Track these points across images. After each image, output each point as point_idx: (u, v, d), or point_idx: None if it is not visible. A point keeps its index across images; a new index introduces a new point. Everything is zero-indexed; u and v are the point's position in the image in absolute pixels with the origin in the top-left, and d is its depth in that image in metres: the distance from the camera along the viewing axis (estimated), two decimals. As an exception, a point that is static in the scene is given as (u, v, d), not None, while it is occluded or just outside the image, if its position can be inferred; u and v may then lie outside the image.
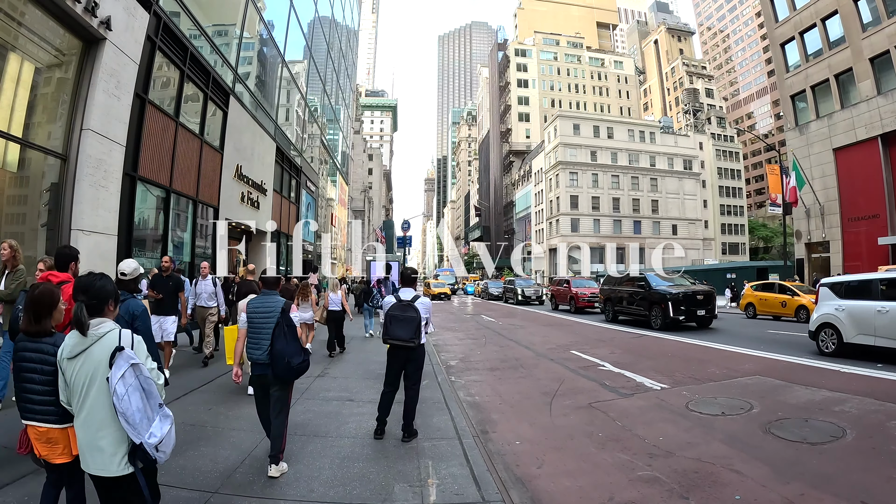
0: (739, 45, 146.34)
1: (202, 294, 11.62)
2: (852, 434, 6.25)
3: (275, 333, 5.20)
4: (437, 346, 15.65)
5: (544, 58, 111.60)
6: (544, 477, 5.32)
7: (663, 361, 12.26)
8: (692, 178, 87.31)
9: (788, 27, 35.12)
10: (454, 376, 10.87)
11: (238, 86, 19.85)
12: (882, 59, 28.73)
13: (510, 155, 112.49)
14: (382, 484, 4.92)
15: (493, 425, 7.23)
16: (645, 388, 9.35)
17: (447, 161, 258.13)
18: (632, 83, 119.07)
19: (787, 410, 7.44)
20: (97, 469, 2.97)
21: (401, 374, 6.47)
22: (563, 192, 79.32)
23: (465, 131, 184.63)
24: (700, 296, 18.95)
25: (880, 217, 28.39)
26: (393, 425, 6.39)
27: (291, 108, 29.63)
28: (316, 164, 37.83)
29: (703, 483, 5.01)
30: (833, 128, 31.71)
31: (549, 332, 19.37)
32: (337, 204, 50.01)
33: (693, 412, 7.56)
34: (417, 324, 6.20)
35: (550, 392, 9.14)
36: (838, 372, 10.13)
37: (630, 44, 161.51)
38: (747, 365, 11.29)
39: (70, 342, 3.05)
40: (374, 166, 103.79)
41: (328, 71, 40.25)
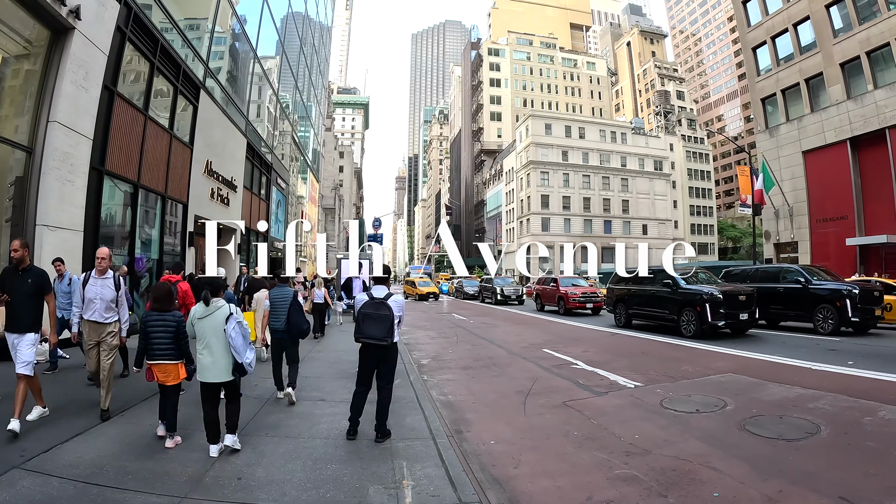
0: (711, 48, 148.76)
1: (95, 301, 6.97)
2: (827, 430, 6.32)
3: (290, 311, 8.07)
4: (408, 344, 15.56)
5: (517, 57, 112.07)
6: (521, 477, 5.29)
7: (637, 360, 12.31)
8: (662, 178, 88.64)
9: (761, 31, 35.82)
10: (427, 375, 10.81)
11: (209, 80, 19.56)
12: (852, 65, 29.54)
13: (482, 154, 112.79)
14: (356, 486, 4.85)
15: (468, 425, 7.19)
16: (619, 386, 9.37)
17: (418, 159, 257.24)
18: (604, 84, 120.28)
19: (761, 407, 7.49)
20: (217, 378, 5.55)
21: (373, 373, 6.36)
22: (534, 192, 79.76)
23: (436, 130, 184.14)
24: (742, 296, 15.78)
25: (848, 219, 29.24)
26: (366, 425, 6.28)
27: (263, 104, 29.30)
28: (287, 161, 37.43)
29: (682, 481, 5.01)
30: (803, 131, 32.48)
31: (523, 331, 19.36)
32: (307, 201, 49.56)
33: (668, 410, 7.59)
34: (391, 322, 6.10)
35: (524, 391, 9.11)
36: (811, 370, 10.24)
37: (603, 45, 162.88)
38: (720, 363, 11.39)
39: (199, 310, 5.65)
40: (345, 164, 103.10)
41: (300, 67, 39.87)
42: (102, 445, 5.73)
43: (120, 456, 5.44)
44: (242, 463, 5.36)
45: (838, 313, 15.21)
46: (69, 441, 5.75)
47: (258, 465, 5.32)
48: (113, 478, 4.84)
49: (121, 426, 6.46)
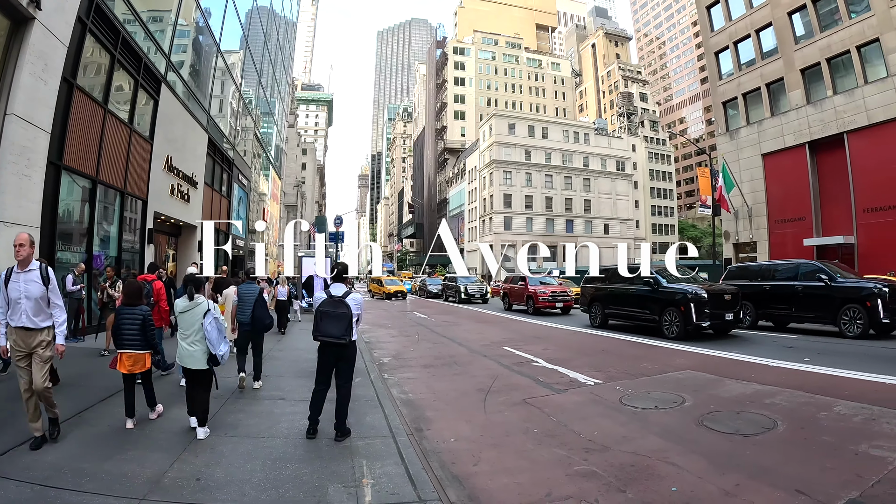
0: (675, 52, 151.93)
1: (20, 301, 5.61)
2: (784, 426, 6.43)
3: (255, 306, 8.99)
4: (370, 343, 15.51)
5: (482, 57, 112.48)
6: (481, 474, 5.31)
7: (597, 357, 12.41)
8: (624, 178, 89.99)
9: (723, 37, 36.53)
10: (388, 373, 10.78)
11: (171, 74, 19.16)
12: (813, 71, 30.34)
13: (445, 152, 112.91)
14: (316, 485, 4.82)
15: (428, 423, 7.21)
16: (579, 383, 9.42)
17: (381, 157, 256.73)
18: (568, 85, 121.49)
19: (719, 403, 7.61)
20: (193, 366, 6.20)
21: (332, 371, 6.35)
22: (496, 191, 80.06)
23: (400, 128, 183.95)
24: (728, 296, 15.20)
25: (806, 220, 30.05)
26: (326, 424, 6.27)
27: (226, 99, 28.83)
28: (249, 158, 36.87)
29: (640, 476, 5.07)
30: (763, 134, 33.23)
31: (484, 329, 19.40)
32: (269, 199, 48.98)
33: (627, 406, 7.67)
34: (349, 320, 6.12)
35: (485, 388, 9.13)
36: (768, 366, 10.42)
37: (568, 46, 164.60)
38: (679, 360, 11.53)
39: (182, 304, 6.33)
40: (307, 161, 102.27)
41: (265, 63, 39.37)
42: (60, 448, 5.64)
43: (78, 458, 5.34)
44: (201, 463, 5.29)
45: (868, 314, 13.92)
46: (25, 443, 5.61)
47: (217, 465, 5.26)
48: (71, 480, 4.75)
49: (79, 428, 6.33)
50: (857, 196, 27.69)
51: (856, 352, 11.86)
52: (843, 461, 5.26)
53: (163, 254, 20.24)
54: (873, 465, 5.10)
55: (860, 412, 6.87)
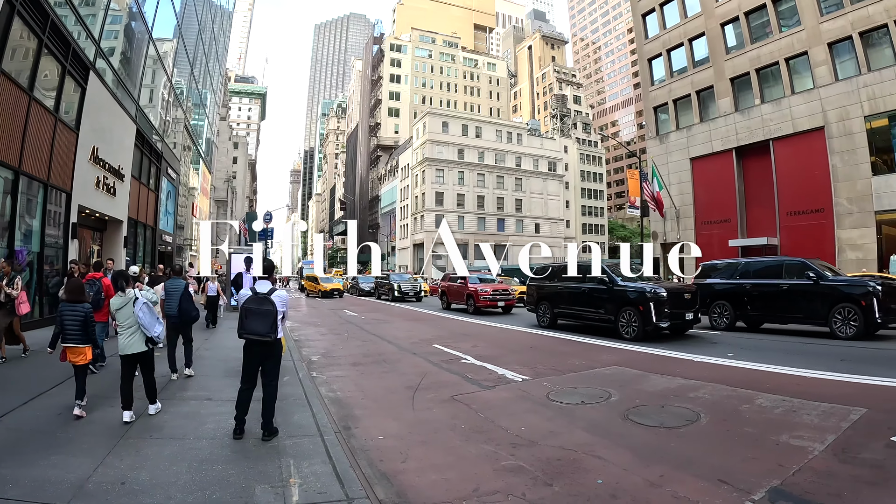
0: (610, 57, 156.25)
1: None
2: (707, 418, 6.65)
3: (181, 299, 9.47)
4: (299, 341, 15.36)
5: (419, 55, 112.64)
6: (409, 471, 5.32)
7: (526, 354, 12.56)
8: (556, 179, 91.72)
9: (657, 44, 38.10)
10: (316, 372, 10.67)
11: (100, 61, 18.35)
12: (742, 80, 32.17)
13: (378, 149, 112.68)
14: (243, 486, 4.77)
15: (356, 421, 7.17)
16: (507, 379, 9.51)
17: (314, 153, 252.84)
18: (503, 85, 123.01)
19: (644, 398, 7.80)
20: (135, 350, 6.69)
21: (258, 370, 6.28)
22: (428, 189, 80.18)
23: (333, 123, 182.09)
24: (687, 294, 14.85)
25: (731, 222, 31.80)
26: (253, 424, 6.18)
27: (156, 89, 27.78)
28: (178, 151, 35.62)
29: (567, 470, 5.14)
30: (691, 139, 34.83)
31: (414, 327, 19.42)
32: (199, 193, 47.56)
33: (554, 402, 7.77)
34: (274, 317, 6.06)
35: (413, 386, 9.14)
36: (692, 361, 10.76)
37: (505, 48, 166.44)
38: (606, 356, 11.78)
39: (116, 301, 6.86)
40: (239, 155, 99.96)
41: (198, 52, 38.20)
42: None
43: (0, 463, 5.21)
44: (126, 467, 5.15)
45: (863, 314, 13.29)
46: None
47: (142, 468, 5.14)
48: (-7, 488, 4.60)
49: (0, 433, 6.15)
50: (781, 200, 29.41)
51: (836, 353, 11.73)
52: (765, 451, 5.45)
53: (87, 249, 19.41)
54: (794, 454, 5.30)
55: (781, 404, 7.16)
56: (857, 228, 26.01)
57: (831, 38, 27.52)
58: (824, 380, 8.73)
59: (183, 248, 40.47)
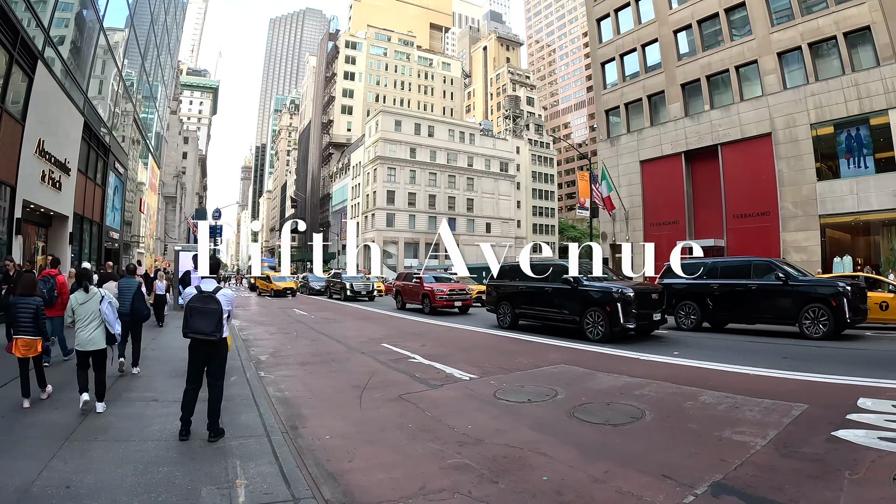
0: (564, 59, 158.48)
1: None
2: (652, 415, 6.79)
3: (134, 298, 9.69)
4: (246, 340, 15.15)
5: (374, 52, 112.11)
6: (356, 470, 5.31)
7: (474, 353, 12.64)
8: (508, 179, 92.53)
9: (611, 49, 38.89)
10: (264, 371, 10.57)
11: (49, 50, 17.67)
12: (692, 86, 33.17)
13: (330, 147, 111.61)
14: (189, 488, 4.72)
15: (304, 420, 7.15)
16: (455, 378, 9.54)
17: (266, 149, 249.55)
18: (457, 85, 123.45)
19: (590, 396, 7.92)
20: (95, 347, 7.08)
21: (204, 369, 6.24)
22: (380, 187, 79.85)
23: (286, 120, 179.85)
24: (655, 294, 14.72)
25: (680, 223, 32.66)
26: (199, 425, 6.11)
27: (106, 80, 26.92)
28: (127, 145, 34.56)
29: (512, 467, 5.20)
30: (642, 142, 35.71)
31: (364, 326, 19.34)
32: (147, 189, 46.33)
33: (501, 400, 7.84)
34: (219, 316, 6.01)
35: (361, 385, 9.11)
36: (638, 360, 10.98)
37: (461, 47, 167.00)
38: (554, 355, 11.93)
39: (80, 296, 7.15)
40: (189, 150, 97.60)
41: (150, 44, 37.14)
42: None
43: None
44: (71, 470, 5.04)
45: (834, 314, 13.57)
46: None
47: (87, 471, 5.04)
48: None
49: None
50: (728, 203, 30.45)
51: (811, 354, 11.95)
52: (708, 447, 5.60)
53: (31, 246, 18.78)
54: (736, 449, 5.45)
55: (724, 401, 7.35)
56: (802, 231, 27.02)
57: (781, 48, 28.63)
58: (769, 377, 9.00)
59: (130, 245, 39.45)
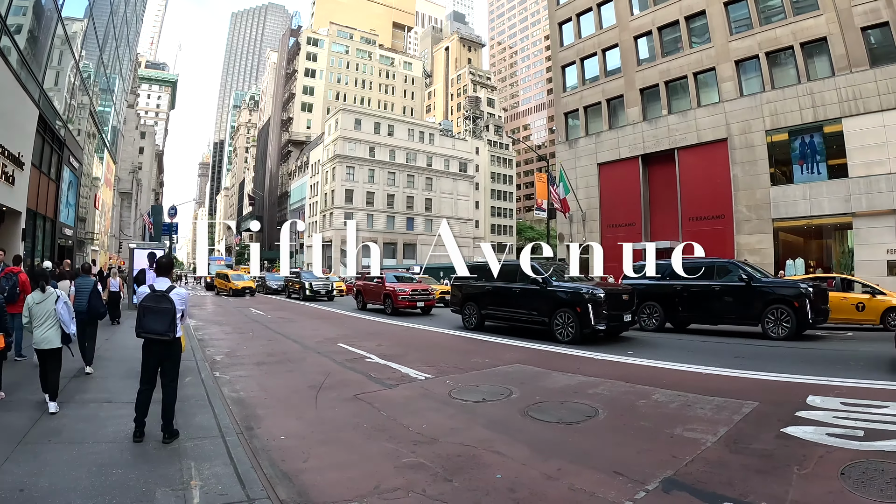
0: (525, 62, 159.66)
1: None
2: (605, 413, 6.92)
3: (91, 296, 9.78)
4: (202, 340, 14.99)
5: (336, 50, 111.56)
6: (311, 470, 5.32)
7: (430, 353, 12.69)
8: (466, 179, 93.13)
9: (571, 52, 39.41)
10: (219, 372, 10.49)
11: (5, 39, 17.06)
12: (651, 91, 33.85)
13: (289, 144, 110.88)
14: (144, 490, 4.70)
15: (259, 421, 7.13)
16: (410, 378, 9.59)
17: (224, 146, 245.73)
18: (418, 85, 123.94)
19: (544, 395, 8.02)
20: (50, 346, 7.17)
21: (157, 369, 6.19)
22: (338, 186, 79.48)
23: (245, 116, 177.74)
24: (625, 295, 14.45)
25: (636, 225, 33.31)
26: (154, 426, 6.06)
27: (63, 72, 26.04)
28: (82, 139, 33.53)
29: (467, 466, 5.26)
30: (600, 145, 36.25)
31: (320, 326, 19.30)
32: (102, 184, 45.06)
33: (456, 400, 7.92)
34: (173, 316, 5.98)
35: (317, 385, 9.11)
36: (593, 359, 11.13)
37: (423, 47, 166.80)
38: (509, 354, 12.04)
39: (37, 296, 7.28)
40: (146, 145, 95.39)
41: (109, 35, 35.98)
42: None
43: None
44: (25, 473, 5.01)
45: (796, 315, 13.79)
46: None
47: (41, 474, 5.00)
48: None
49: None
50: (684, 206, 31.14)
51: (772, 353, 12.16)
52: (660, 444, 5.73)
53: None
54: (687, 446, 5.59)
55: (677, 399, 7.52)
56: (756, 234, 27.75)
57: (739, 56, 29.45)
58: (722, 376, 9.23)
59: (84, 242, 38.36)
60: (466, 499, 4.50)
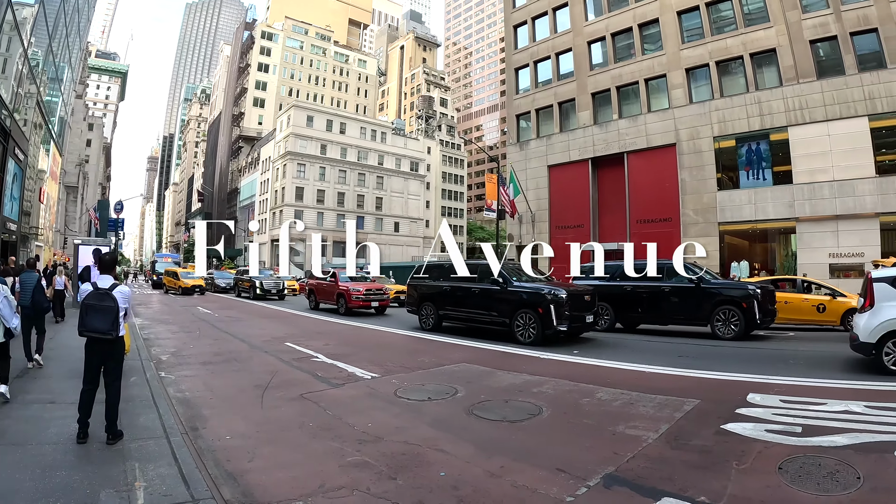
0: (480, 63, 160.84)
1: None
2: (549, 411, 7.04)
3: (34, 291, 10.00)
4: (147, 340, 14.68)
5: (290, 45, 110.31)
6: (256, 470, 5.32)
7: (378, 352, 12.73)
8: (418, 179, 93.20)
9: (525, 55, 39.98)
10: (164, 371, 10.32)
11: None
12: (602, 96, 34.60)
13: (240, 140, 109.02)
14: (88, 492, 4.63)
15: (204, 421, 7.07)
16: (357, 377, 9.59)
17: (174, 140, 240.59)
18: (372, 83, 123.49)
19: (489, 393, 8.11)
20: None
21: (100, 369, 6.10)
22: (289, 183, 78.64)
23: (196, 110, 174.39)
24: (587, 296, 14.29)
25: (584, 227, 33.87)
26: (98, 427, 5.96)
27: (11, 59, 25.04)
28: (29, 129, 32.28)
29: (411, 464, 5.32)
30: (550, 147, 36.87)
31: (268, 325, 19.15)
32: (48, 177, 43.50)
33: (402, 399, 7.98)
34: (115, 314, 5.90)
35: (263, 385, 9.05)
36: (539, 358, 11.26)
37: (378, 45, 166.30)
38: (457, 354, 12.10)
39: None
40: (93, 137, 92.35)
41: (59, 22, 34.66)
42: None
43: None
44: None
45: (744, 315, 14.19)
46: None
47: None
48: None
49: None
50: (632, 208, 31.87)
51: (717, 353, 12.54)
52: (602, 441, 5.86)
53: None
54: (629, 443, 5.72)
55: (619, 397, 7.68)
56: (702, 237, 28.24)
57: (690, 64, 30.36)
58: (665, 374, 9.47)
59: (28, 237, 36.98)
60: (410, 496, 4.53)
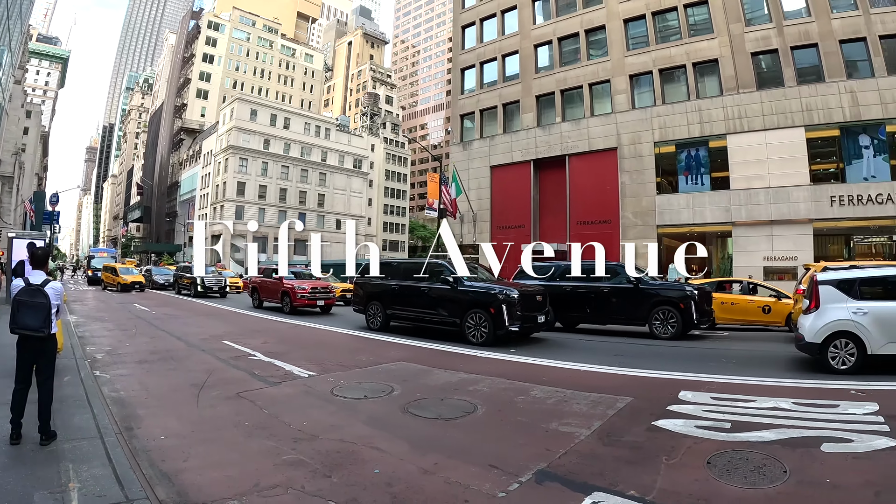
0: (427, 62, 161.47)
1: None
2: (484, 409, 7.14)
3: None
4: (82, 337, 14.28)
5: (237, 36, 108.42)
6: (191, 470, 5.29)
7: (316, 350, 12.71)
8: (360, 176, 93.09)
9: (472, 56, 40.40)
10: (99, 370, 10.03)
11: None
12: (547, 99, 35.28)
13: (182, 132, 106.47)
14: (21, 493, 4.57)
15: (139, 421, 6.97)
16: (294, 375, 9.58)
17: (114, 130, 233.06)
18: (318, 78, 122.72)
19: (425, 391, 8.22)
20: None
21: (33, 368, 5.98)
22: (230, 178, 77.37)
23: (138, 99, 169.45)
24: (539, 296, 14.24)
25: (525, 227, 34.47)
26: (31, 428, 5.82)
27: None
28: None
29: (345, 461, 5.35)
30: (493, 148, 37.33)
31: (206, 323, 18.90)
32: None
33: (338, 397, 8.00)
34: (48, 311, 5.79)
35: (199, 383, 8.95)
36: (475, 357, 11.42)
37: (326, 40, 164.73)
38: (395, 352, 12.14)
39: None
40: (31, 125, 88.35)
41: (0, 5, 33.20)
42: None
43: None
44: None
45: (682, 315, 14.49)
46: None
47: None
48: None
49: None
50: (573, 210, 32.59)
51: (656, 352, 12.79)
52: (535, 438, 6.00)
53: None
54: (561, 439, 5.86)
55: (554, 395, 7.83)
56: (641, 240, 28.84)
57: (634, 70, 31.26)
58: (600, 373, 9.68)
59: None
60: (344, 494, 4.55)
